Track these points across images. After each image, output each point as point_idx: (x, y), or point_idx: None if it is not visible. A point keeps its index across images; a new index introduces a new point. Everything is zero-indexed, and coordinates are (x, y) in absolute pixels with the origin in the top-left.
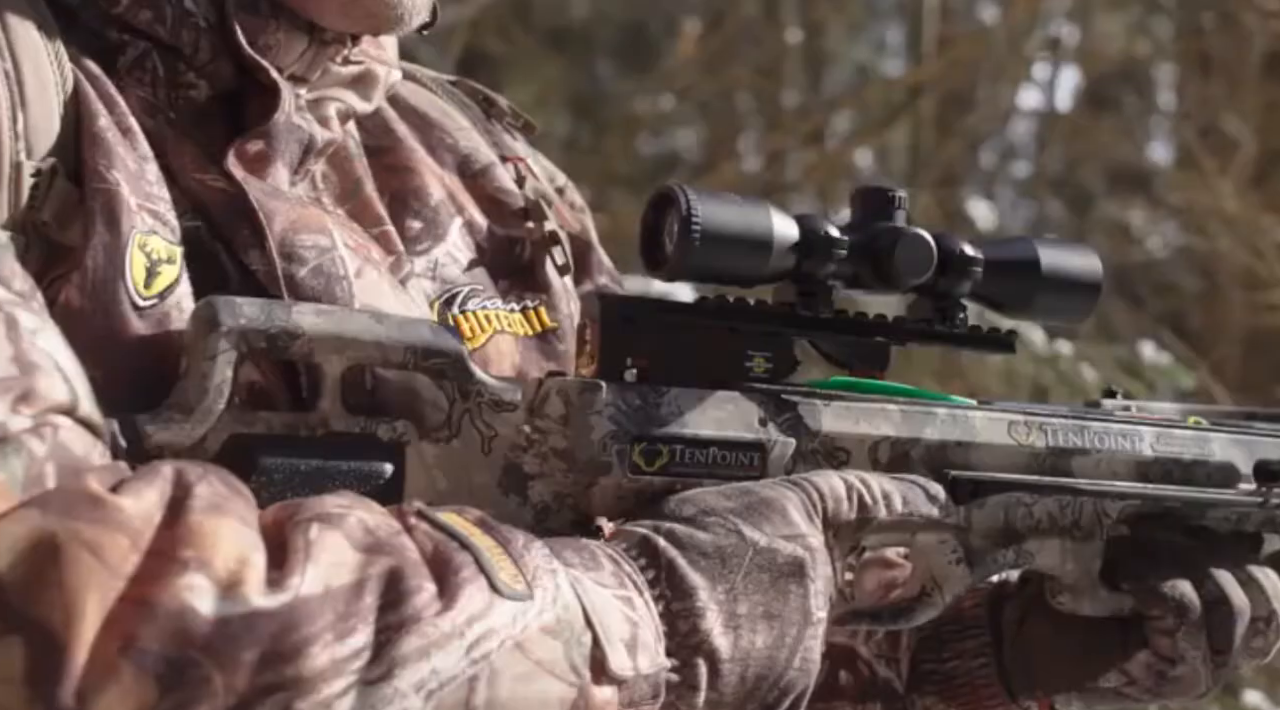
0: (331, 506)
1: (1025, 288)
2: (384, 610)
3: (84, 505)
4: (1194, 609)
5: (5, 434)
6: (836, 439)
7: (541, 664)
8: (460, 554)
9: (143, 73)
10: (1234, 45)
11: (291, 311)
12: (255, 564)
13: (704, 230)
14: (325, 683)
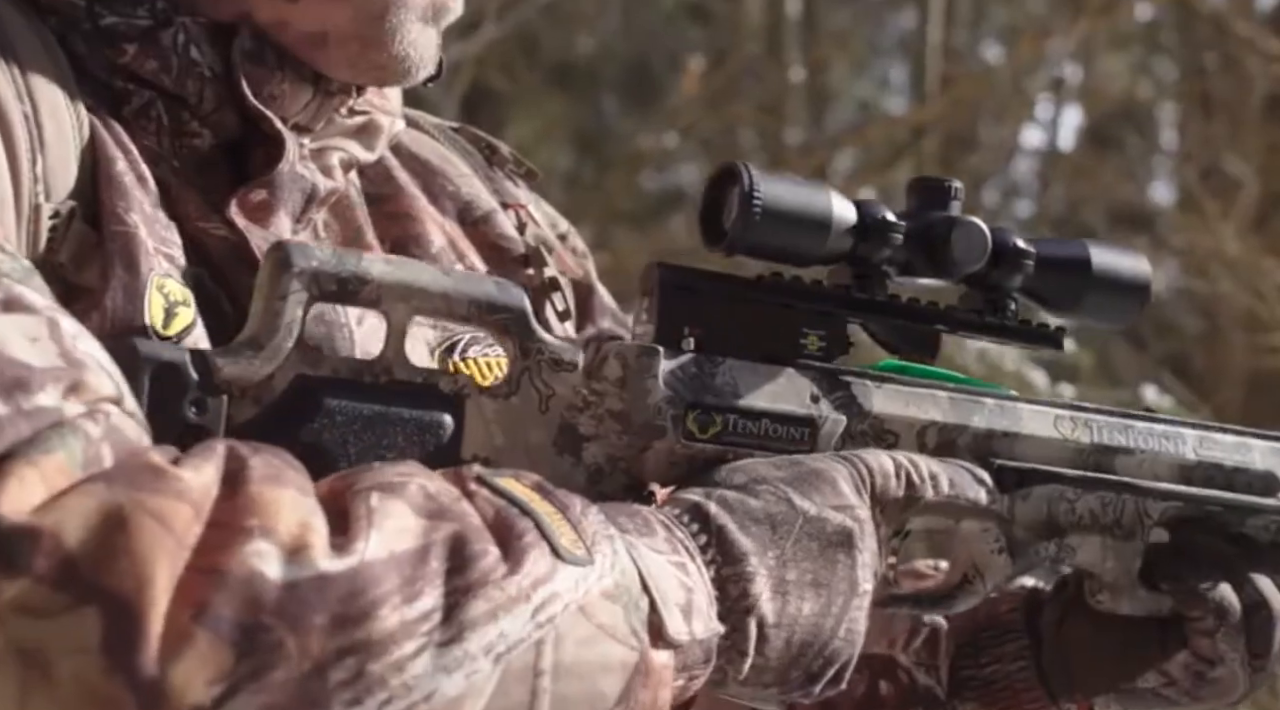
0: (391, 475)
1: (1075, 286)
2: (451, 574)
3: (147, 476)
4: (1234, 611)
5: (61, 418)
6: (886, 421)
7: (603, 628)
8: (522, 520)
9: (147, 121)
10: (1236, 87)
11: (362, 258)
12: (318, 529)
13: (765, 206)
14: (396, 644)
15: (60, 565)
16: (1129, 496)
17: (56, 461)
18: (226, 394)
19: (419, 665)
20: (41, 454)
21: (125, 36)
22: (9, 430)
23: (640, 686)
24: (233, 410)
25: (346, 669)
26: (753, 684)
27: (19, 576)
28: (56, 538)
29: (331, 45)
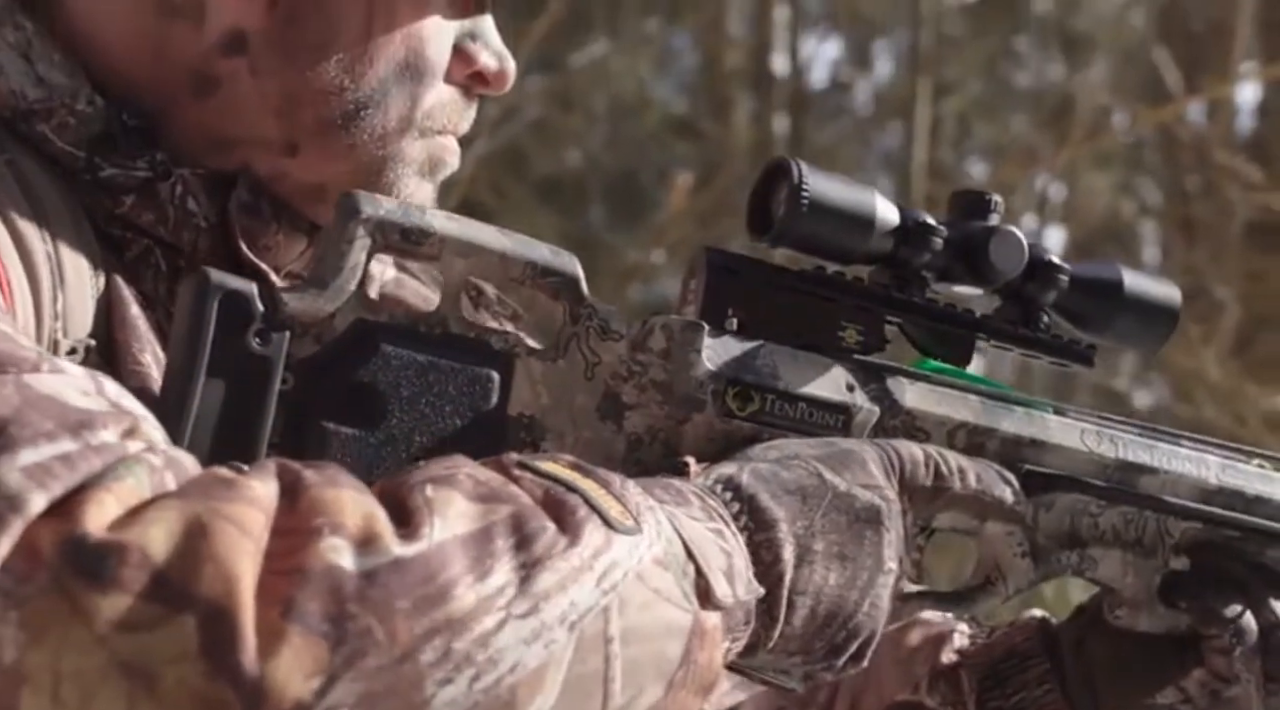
0: (438, 469)
1: (1107, 306)
2: (516, 550)
3: (219, 487)
4: (1250, 632)
5: (124, 454)
6: (918, 418)
7: (659, 592)
8: (570, 496)
9: (146, 267)
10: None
11: (426, 212)
12: (383, 520)
13: (812, 200)
14: (477, 621)
15: (150, 577)
16: (1151, 514)
17: (128, 486)
18: (289, 329)
19: (502, 638)
20: (114, 481)
21: (123, 188)
22: (81, 464)
23: (698, 648)
24: (294, 346)
25: (435, 649)
26: (779, 652)
27: (110, 592)
28: (142, 551)
29: (330, 197)
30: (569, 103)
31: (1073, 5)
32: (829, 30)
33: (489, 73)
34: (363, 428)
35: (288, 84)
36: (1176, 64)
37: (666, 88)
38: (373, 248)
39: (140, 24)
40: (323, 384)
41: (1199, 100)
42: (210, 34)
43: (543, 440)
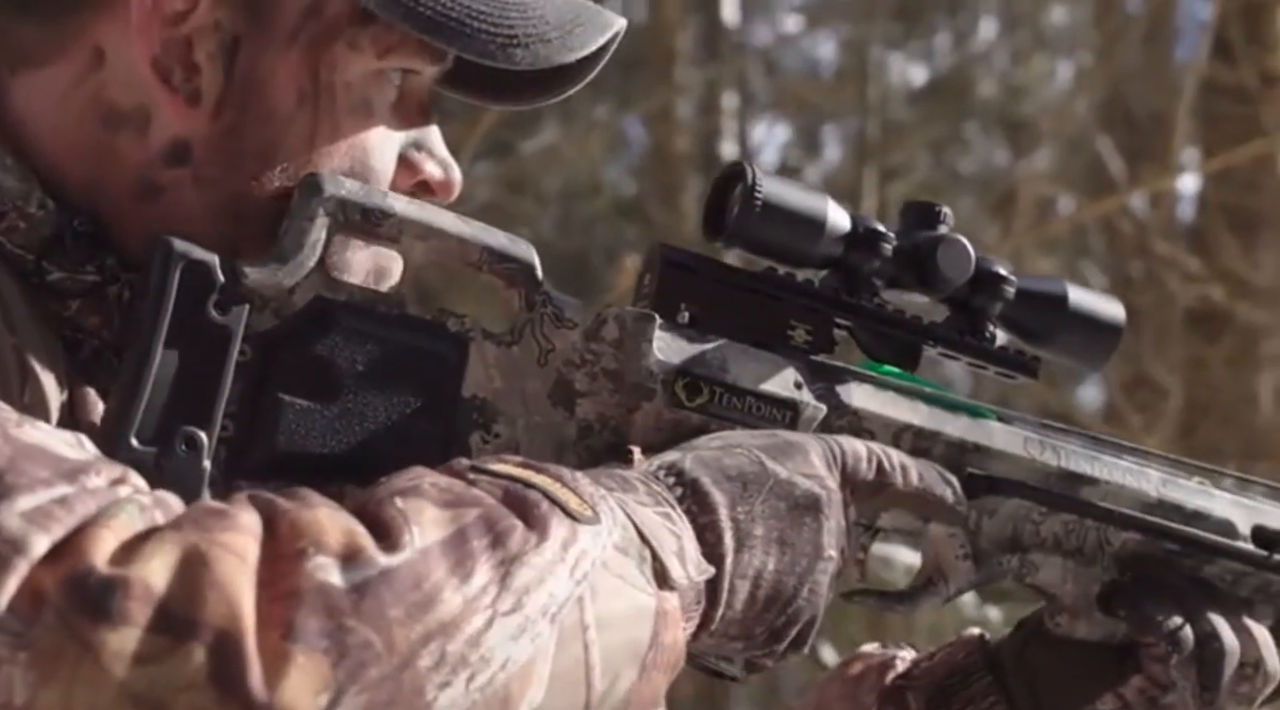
0: (401, 482)
1: (1052, 319)
2: (492, 549)
3: (211, 518)
4: (1186, 641)
5: (115, 497)
6: (864, 418)
7: (625, 578)
8: (529, 492)
9: (99, 368)
10: (1159, 300)
11: (387, 195)
12: (363, 534)
13: (765, 202)
14: (467, 621)
15: (155, 609)
16: (1092, 523)
17: (122, 522)
18: (249, 302)
19: (491, 637)
20: (110, 519)
21: (70, 292)
22: (78, 506)
23: (663, 629)
24: (253, 319)
25: (431, 653)
26: (720, 636)
27: (117, 626)
28: (144, 583)
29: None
30: (520, 186)
31: (1017, 92)
32: (778, 116)
33: (434, 182)
34: (318, 402)
35: (231, 192)
36: (1119, 152)
37: (617, 171)
38: (333, 226)
39: (87, 133)
40: (280, 357)
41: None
42: (154, 144)
43: (494, 423)
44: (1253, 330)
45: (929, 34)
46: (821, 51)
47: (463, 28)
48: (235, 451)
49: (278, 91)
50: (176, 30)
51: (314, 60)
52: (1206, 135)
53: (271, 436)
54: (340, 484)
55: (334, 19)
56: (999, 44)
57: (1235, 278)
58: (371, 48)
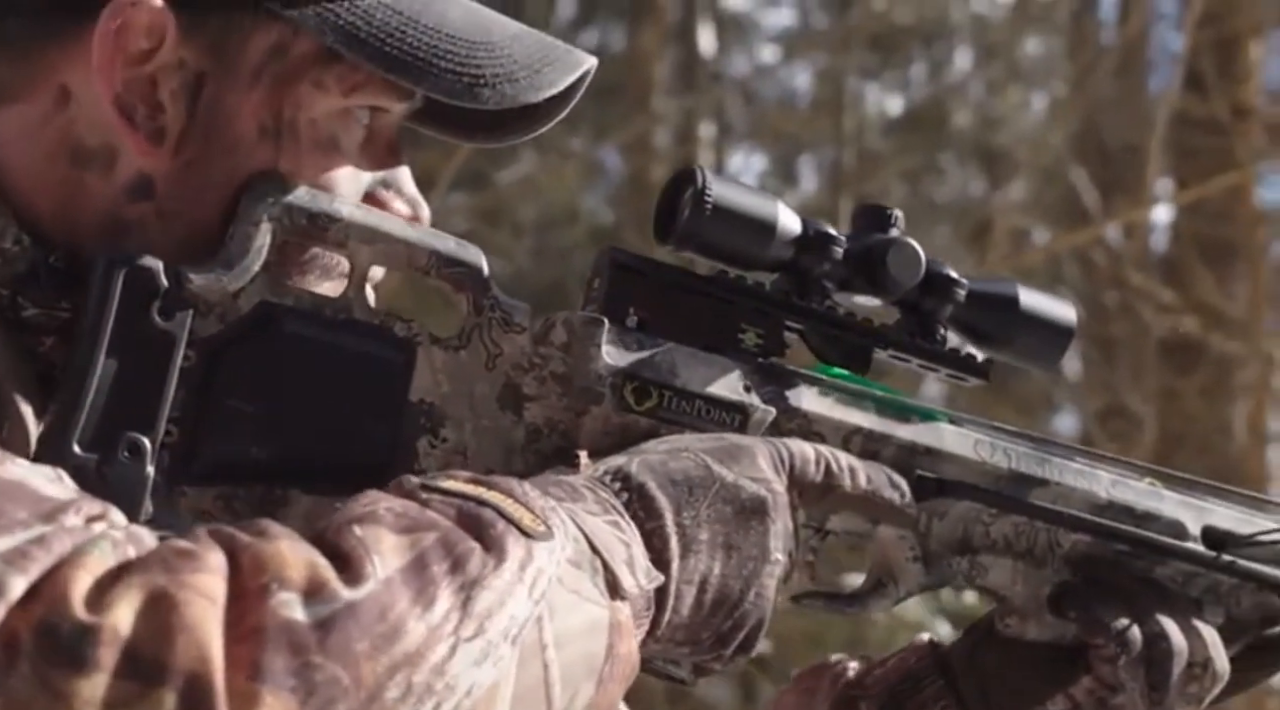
0: (357, 508)
1: (1003, 321)
2: (452, 573)
3: (180, 559)
4: (1135, 642)
5: (89, 535)
6: (814, 421)
7: (579, 593)
8: (483, 511)
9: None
10: (1134, 331)
11: (334, 199)
12: (325, 567)
13: (715, 204)
14: (431, 650)
15: (125, 655)
16: (1042, 525)
17: (95, 558)
18: (193, 307)
19: (455, 665)
20: (84, 556)
21: (44, 329)
22: (55, 545)
23: (618, 640)
24: (198, 324)
25: (398, 685)
26: (667, 641)
27: (89, 674)
28: (115, 629)
29: None
30: (496, 216)
31: (992, 123)
32: (754, 146)
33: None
34: (264, 407)
35: (195, 224)
36: (1093, 183)
37: (594, 200)
38: (279, 231)
39: (57, 170)
40: (225, 362)
41: (1115, 223)
42: (119, 180)
43: (442, 427)
44: (1226, 361)
45: (905, 65)
46: (798, 82)
47: (429, 67)
48: (180, 457)
49: (240, 125)
50: (140, 69)
51: (278, 99)
52: (1179, 167)
53: (216, 442)
54: (286, 489)
55: (299, 58)
56: (974, 75)
57: (1209, 309)
58: (337, 86)
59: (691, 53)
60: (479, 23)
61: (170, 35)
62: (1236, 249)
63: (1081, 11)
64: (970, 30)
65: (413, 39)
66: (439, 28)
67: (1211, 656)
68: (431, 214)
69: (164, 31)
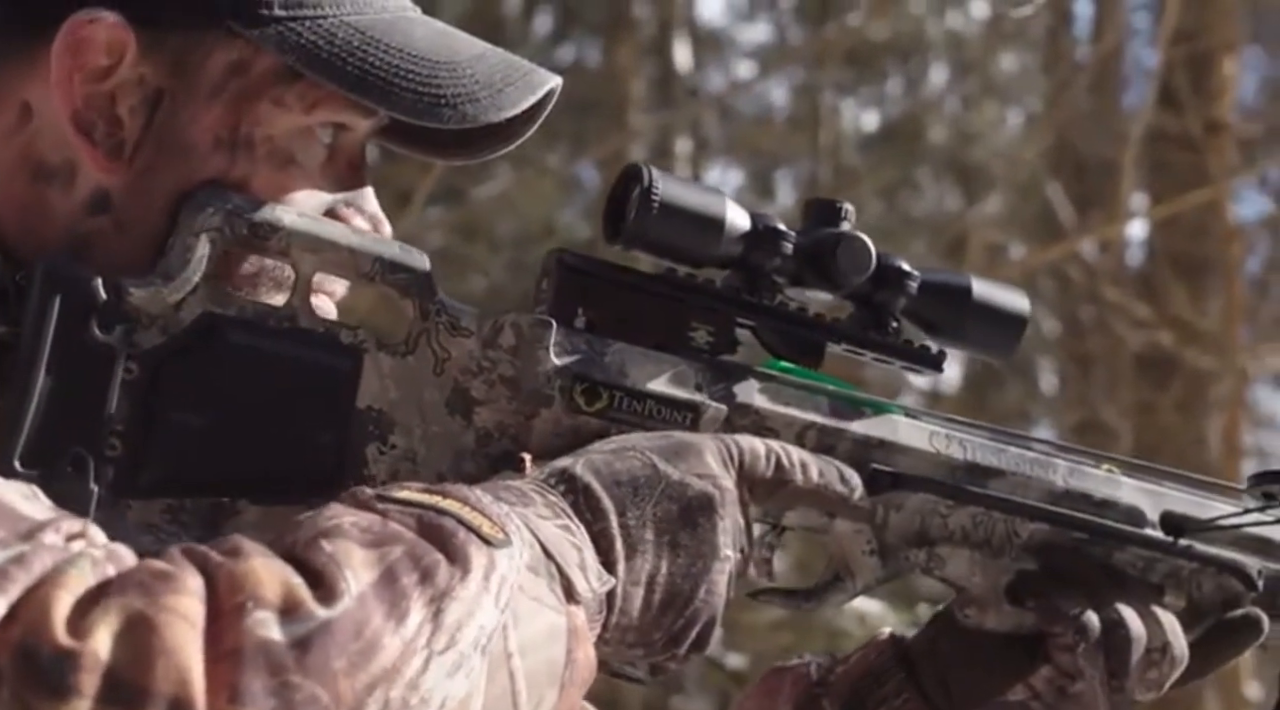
0: (322, 522)
1: (956, 312)
2: (422, 586)
3: (157, 581)
4: (1093, 629)
5: (69, 554)
6: (767, 417)
7: (539, 599)
8: (443, 520)
9: None
10: (1109, 345)
11: (275, 208)
12: (300, 585)
13: (663, 202)
14: (406, 664)
15: (105, 680)
16: (1000, 515)
17: (74, 577)
18: (133, 319)
19: (429, 678)
20: (63, 576)
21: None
22: (35, 564)
23: (576, 646)
24: (140, 337)
25: (376, 701)
26: (618, 644)
27: (69, 700)
28: (95, 654)
29: None
30: (472, 232)
31: (968, 139)
32: (731, 161)
33: None
34: (209, 418)
35: (151, 233)
36: (1068, 198)
37: (570, 215)
38: (220, 240)
39: (20, 187)
40: (169, 374)
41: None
42: (79, 195)
43: (391, 433)
44: (1201, 375)
45: (880, 80)
46: (774, 97)
47: (389, 87)
48: (124, 471)
49: (194, 135)
50: (99, 86)
51: (236, 114)
52: (1154, 182)
53: (162, 455)
54: (234, 500)
55: (260, 76)
56: (949, 91)
57: (1184, 323)
58: (298, 103)
59: (668, 68)
60: (443, 43)
61: (130, 52)
62: (1211, 264)
63: (1056, 28)
64: (946, 46)
65: (374, 59)
66: (402, 48)
67: (1169, 641)
68: (408, 228)
69: (124, 48)
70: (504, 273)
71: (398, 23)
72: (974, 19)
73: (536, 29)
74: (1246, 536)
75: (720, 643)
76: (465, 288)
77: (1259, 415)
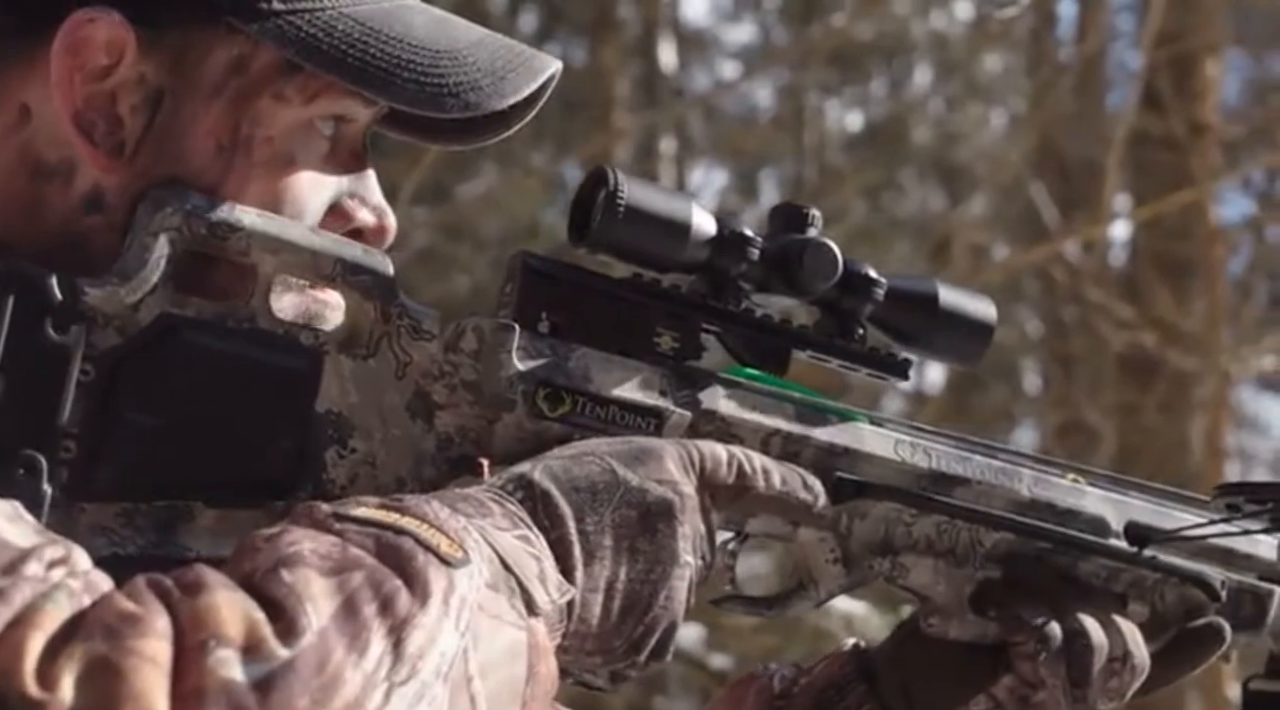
0: (281, 548)
1: (923, 319)
2: (382, 615)
3: (123, 624)
4: (1055, 638)
5: (47, 586)
6: (732, 424)
7: (499, 617)
8: (402, 540)
9: None
10: (1092, 346)
11: (235, 208)
12: (262, 621)
13: (628, 206)
14: (368, 698)
15: None
16: (964, 524)
17: (49, 614)
18: (89, 320)
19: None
20: (39, 613)
21: None
22: (16, 597)
23: (538, 660)
24: (96, 337)
25: None
26: (577, 651)
27: None
28: (61, 704)
29: None
30: (457, 231)
31: (952, 139)
32: (715, 161)
33: (368, 228)
34: (166, 420)
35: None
36: (1052, 199)
37: (555, 215)
38: (179, 240)
39: (17, 187)
40: (125, 375)
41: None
42: (76, 194)
43: (350, 437)
44: (1184, 376)
45: (865, 81)
46: (759, 97)
47: (391, 78)
48: (79, 473)
49: (195, 141)
50: (100, 85)
51: (236, 114)
52: (1137, 183)
53: (118, 457)
54: (190, 503)
55: (260, 72)
56: (934, 91)
57: (1167, 324)
58: (298, 96)
59: (653, 68)
60: (443, 31)
61: (130, 51)
62: (1194, 265)
63: (1040, 29)
64: (930, 47)
65: (375, 50)
66: (402, 38)
67: (1131, 650)
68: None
69: (123, 47)
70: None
71: (396, 11)
72: (958, 20)
73: (521, 28)
74: (1210, 547)
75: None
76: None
77: (1242, 417)
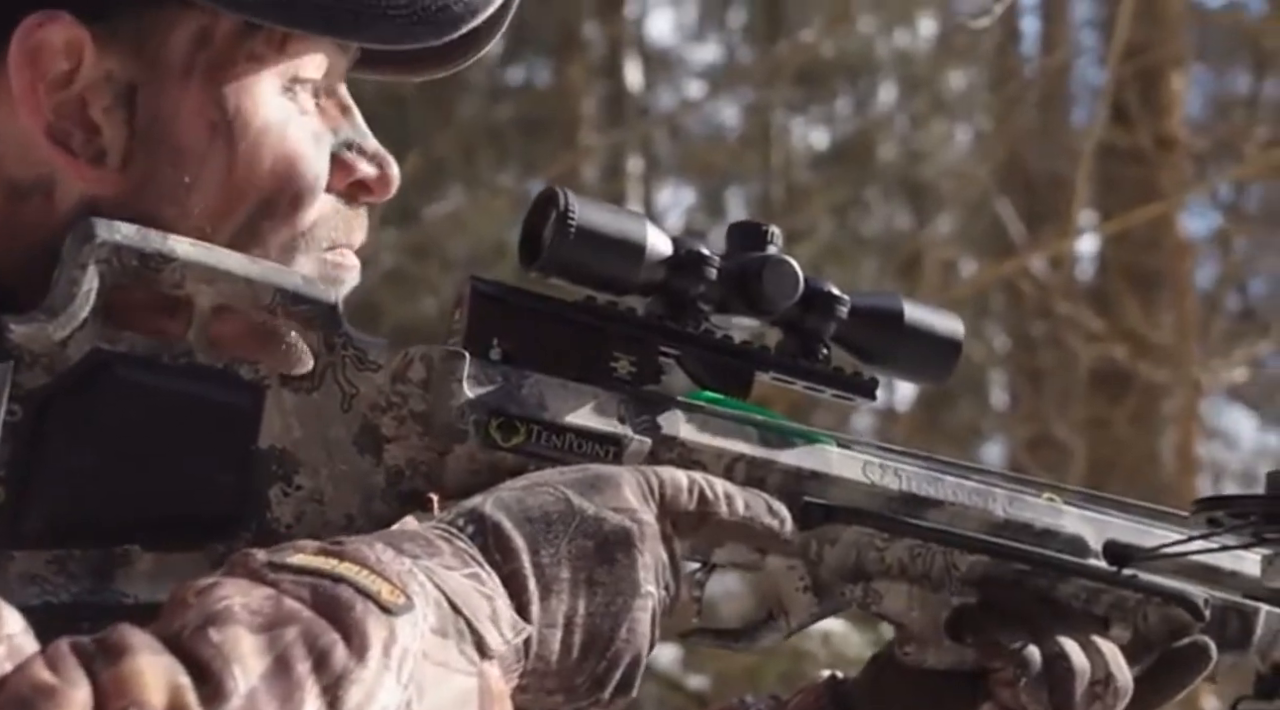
0: (210, 604)
1: (888, 337)
2: (317, 672)
3: (41, 698)
4: (1034, 663)
5: None
6: (694, 450)
7: (446, 664)
8: (340, 589)
9: None
10: (1062, 360)
11: (168, 238)
12: (187, 686)
13: (579, 227)
14: None
15: None
16: (938, 548)
17: None
18: (15, 357)
19: None
20: None
21: None
22: None
23: (490, 706)
24: (24, 377)
25: None
26: (537, 690)
27: None
28: None
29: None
30: (425, 252)
31: (917, 157)
32: (682, 180)
33: (370, 180)
34: (99, 460)
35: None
36: (1019, 215)
37: None
38: (109, 273)
39: None
40: (55, 415)
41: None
42: (61, 208)
43: (295, 474)
44: (1154, 389)
45: (830, 99)
46: (725, 116)
47: (358, 18)
48: (6, 520)
49: (186, 129)
50: (67, 92)
51: (217, 87)
52: (1104, 197)
53: (48, 500)
54: (127, 548)
55: (224, 39)
56: (899, 109)
57: (1136, 337)
58: (269, 48)
59: (619, 88)
60: None
61: (88, 49)
62: (1162, 278)
63: (1005, 45)
64: (895, 64)
65: None
66: None
67: (1113, 673)
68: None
69: (81, 47)
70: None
71: None
72: (922, 37)
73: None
74: (1192, 564)
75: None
76: (417, 308)
77: (1212, 429)
